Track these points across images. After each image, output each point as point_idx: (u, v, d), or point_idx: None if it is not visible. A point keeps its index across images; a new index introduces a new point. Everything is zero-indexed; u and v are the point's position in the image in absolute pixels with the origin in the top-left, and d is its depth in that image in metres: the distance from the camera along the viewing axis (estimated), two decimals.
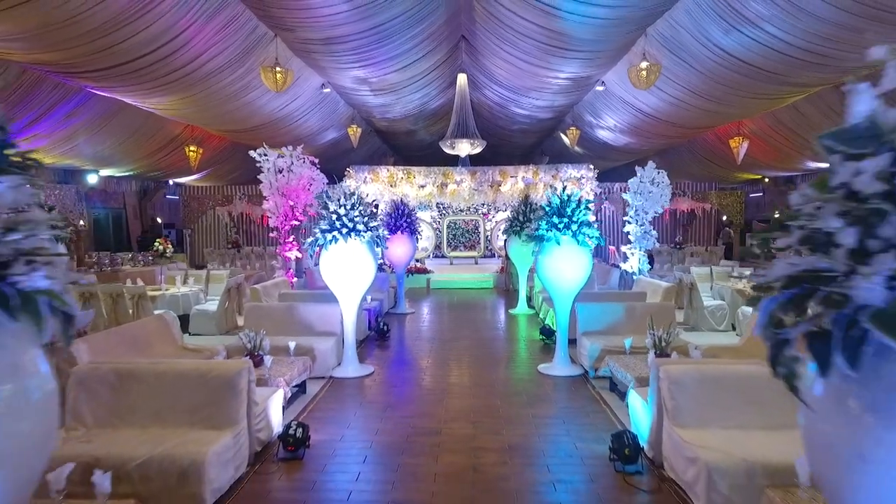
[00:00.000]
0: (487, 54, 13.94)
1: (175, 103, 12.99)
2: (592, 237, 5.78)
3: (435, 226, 18.22)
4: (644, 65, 10.71)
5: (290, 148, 9.70)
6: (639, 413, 4.10)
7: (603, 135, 18.83)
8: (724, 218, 18.24)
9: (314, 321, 6.35)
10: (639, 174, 10.15)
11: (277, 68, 10.90)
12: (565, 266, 5.79)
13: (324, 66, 13.78)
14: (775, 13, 8.51)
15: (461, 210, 17.55)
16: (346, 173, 15.19)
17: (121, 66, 10.09)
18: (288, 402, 4.83)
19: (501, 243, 17.49)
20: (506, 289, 13.76)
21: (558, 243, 5.75)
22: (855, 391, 1.11)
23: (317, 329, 6.30)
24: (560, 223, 5.74)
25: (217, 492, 3.14)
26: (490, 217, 18.45)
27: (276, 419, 4.21)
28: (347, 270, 5.87)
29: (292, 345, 5.32)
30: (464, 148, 16.14)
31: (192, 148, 16.50)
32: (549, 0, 9.83)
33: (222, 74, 11.59)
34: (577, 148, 20.23)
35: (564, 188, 5.94)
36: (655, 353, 4.93)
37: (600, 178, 26.66)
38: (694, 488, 3.05)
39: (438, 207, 17.65)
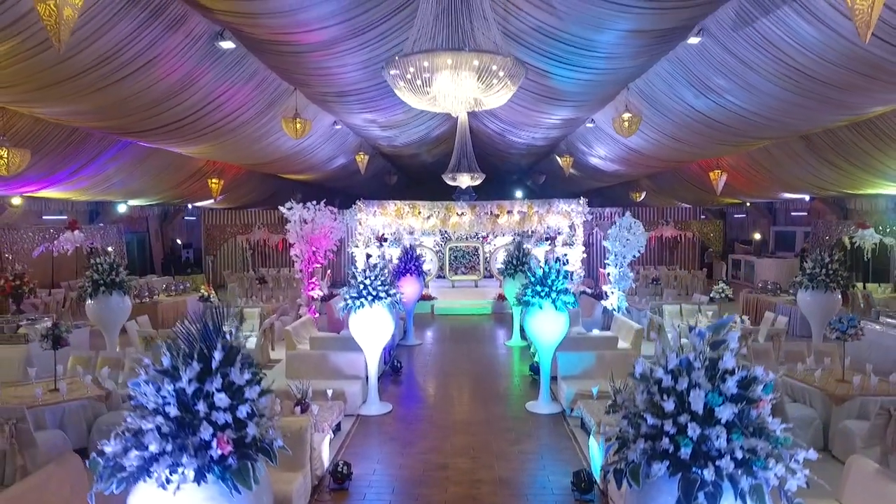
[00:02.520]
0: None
1: (207, 148, 14.47)
2: (569, 303, 7.22)
3: (437, 249, 19.72)
4: (627, 115, 12.03)
5: (314, 202, 11.10)
6: (595, 454, 5.53)
7: (594, 161, 20.22)
8: (708, 250, 19.71)
9: (343, 366, 7.81)
10: (617, 223, 11.59)
11: (297, 119, 12.28)
12: (546, 326, 7.25)
13: (337, 111, 15.26)
14: (733, 87, 10.02)
15: (462, 237, 18.94)
16: (357, 207, 16.58)
17: (166, 126, 11.58)
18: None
19: (500, 265, 18.94)
20: (504, 311, 15.18)
21: (541, 307, 7.20)
22: (645, 490, 2.56)
23: (346, 373, 7.76)
24: (542, 291, 7.19)
25: None
26: (489, 240, 19.89)
27: (325, 457, 5.65)
28: (372, 328, 7.33)
29: (329, 392, 6.75)
30: (464, 180, 17.52)
31: (213, 180, 17.93)
32: (541, 65, 11.26)
33: (249, 124, 13.06)
34: (571, 170, 21.60)
35: (547, 262, 7.39)
36: (613, 401, 6.33)
37: (594, 198, 28.00)
38: None
39: (441, 233, 19.07)
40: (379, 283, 7.24)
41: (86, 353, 7.67)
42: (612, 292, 11.56)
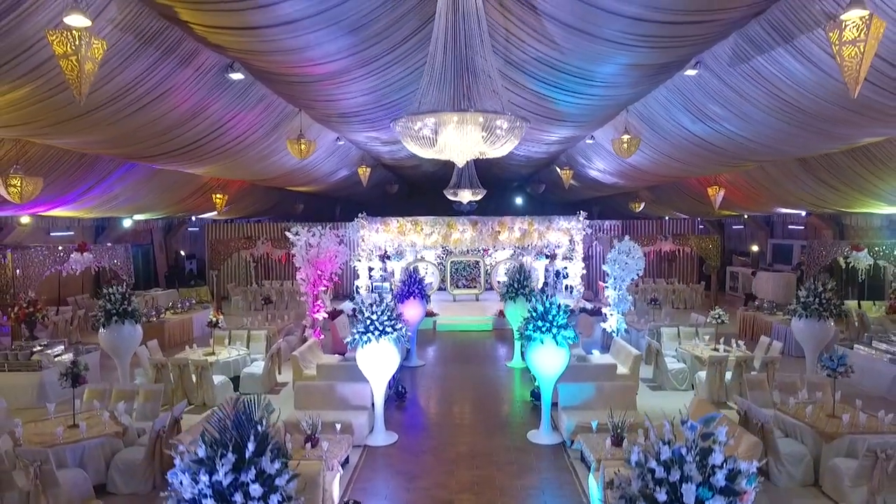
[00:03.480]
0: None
1: (214, 168, 14.72)
2: (569, 338, 7.46)
3: (438, 262, 19.99)
4: (626, 137, 12.27)
5: (320, 227, 11.33)
6: (594, 492, 5.76)
7: (594, 174, 20.46)
8: (706, 263, 19.90)
9: (350, 397, 8.05)
10: (616, 247, 11.82)
11: (302, 141, 12.50)
12: (547, 360, 7.49)
13: (341, 130, 15.51)
14: (728, 116, 10.29)
15: (463, 250, 19.18)
16: (359, 224, 16.79)
17: (175, 151, 11.84)
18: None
19: (501, 279, 19.18)
20: (505, 328, 15.43)
21: (542, 342, 7.44)
22: None
23: (352, 403, 8.00)
24: (543, 326, 7.43)
25: None
26: (490, 253, 20.14)
27: (335, 495, 5.88)
28: (378, 362, 7.57)
29: (338, 426, 6.98)
30: (465, 196, 17.77)
31: (218, 196, 18.16)
32: (542, 91, 11.49)
33: (256, 144, 13.31)
34: (571, 181, 21.87)
35: (548, 298, 7.63)
36: (612, 435, 6.58)
37: (593, 206, 28.03)
38: None
39: (443, 246, 19.32)
40: (385, 317, 7.48)
41: (100, 385, 7.89)
42: (612, 314, 11.81)
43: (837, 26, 5.43)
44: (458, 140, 5.66)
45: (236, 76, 9.29)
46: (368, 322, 7.45)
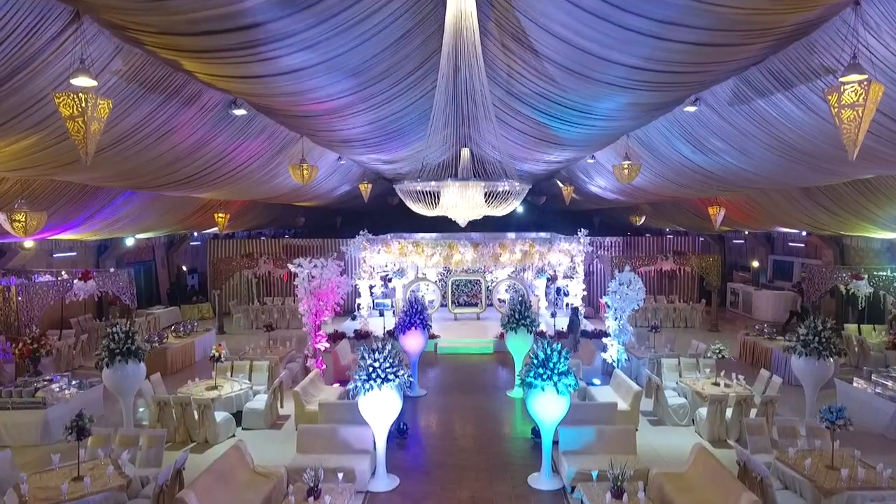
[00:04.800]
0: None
1: (218, 193, 14.80)
2: (570, 385, 7.51)
3: (439, 279, 20.04)
4: (626, 164, 12.32)
5: (323, 260, 11.39)
6: None
7: (595, 189, 20.54)
8: (705, 281, 19.89)
9: (352, 441, 8.11)
10: (617, 278, 11.87)
11: (304, 166, 12.55)
12: (548, 408, 7.54)
13: (343, 152, 15.59)
14: (728, 148, 10.37)
15: (465, 270, 19.24)
16: (361, 245, 16.85)
17: (180, 181, 11.91)
18: None
19: (503, 296, 19.21)
20: (506, 351, 15.48)
21: (543, 390, 7.48)
22: None
23: (354, 447, 8.05)
24: (544, 374, 7.47)
25: None
26: (490, 270, 20.18)
27: None
28: (381, 408, 7.62)
29: (341, 475, 7.02)
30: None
31: (220, 214, 18.22)
32: (542, 119, 11.55)
33: (258, 170, 13.39)
34: (573, 195, 21.93)
35: (549, 344, 7.68)
36: (613, 487, 6.62)
37: (594, 216, 27.96)
38: None
39: (444, 267, 19.38)
40: (388, 364, 7.53)
41: (104, 430, 7.92)
42: (612, 345, 11.87)
43: (836, 90, 5.48)
44: (461, 202, 5.71)
45: (239, 112, 9.35)
46: (371, 369, 7.50)
